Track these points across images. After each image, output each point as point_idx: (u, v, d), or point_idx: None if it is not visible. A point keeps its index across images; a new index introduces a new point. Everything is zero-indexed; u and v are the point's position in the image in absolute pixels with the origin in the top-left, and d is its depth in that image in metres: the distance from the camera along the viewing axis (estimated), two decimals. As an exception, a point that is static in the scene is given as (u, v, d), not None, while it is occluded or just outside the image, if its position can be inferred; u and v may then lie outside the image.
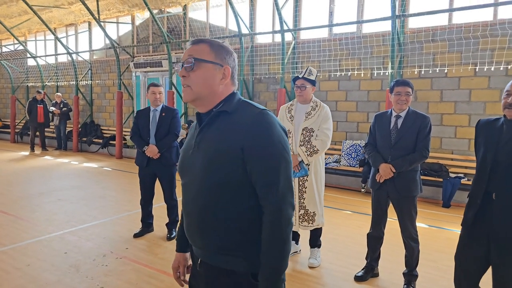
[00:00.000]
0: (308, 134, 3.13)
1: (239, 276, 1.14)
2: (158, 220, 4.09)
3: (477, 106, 5.44)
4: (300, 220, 3.20)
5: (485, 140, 2.02)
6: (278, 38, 7.20)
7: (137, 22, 9.80)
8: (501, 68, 5.08)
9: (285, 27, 6.71)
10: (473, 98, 5.45)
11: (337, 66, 6.46)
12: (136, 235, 3.85)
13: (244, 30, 7.29)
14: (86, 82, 10.77)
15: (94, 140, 10.20)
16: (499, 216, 1.93)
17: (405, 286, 2.84)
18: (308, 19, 7.04)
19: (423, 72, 5.76)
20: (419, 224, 3.28)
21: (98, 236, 3.89)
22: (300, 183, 3.17)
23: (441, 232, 4.26)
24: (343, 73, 6.42)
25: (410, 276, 2.85)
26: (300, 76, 3.18)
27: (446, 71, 5.59)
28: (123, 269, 3.12)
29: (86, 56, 10.77)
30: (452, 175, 5.47)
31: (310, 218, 3.17)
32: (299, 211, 3.20)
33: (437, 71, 5.62)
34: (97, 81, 10.61)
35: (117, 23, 9.94)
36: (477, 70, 5.36)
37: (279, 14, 6.57)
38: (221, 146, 1.12)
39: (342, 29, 6.61)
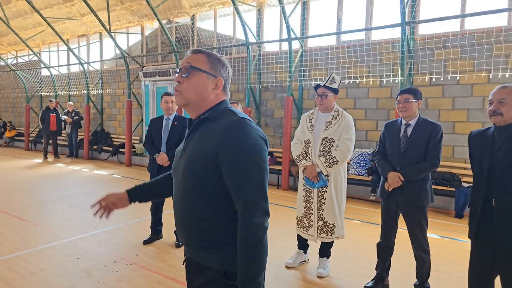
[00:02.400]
0: (328, 144, 3.04)
1: (212, 273, 1.21)
2: (167, 227, 4.12)
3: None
4: (319, 232, 3.13)
5: (480, 149, 2.12)
6: (285, 46, 7.24)
7: (147, 32, 9.99)
8: (515, 75, 5.01)
9: (293, 35, 6.74)
10: (487, 105, 5.36)
11: (345, 74, 6.45)
12: (146, 242, 3.89)
13: (252, 39, 7.35)
14: (97, 91, 10.98)
15: (104, 148, 10.34)
16: (500, 222, 1.99)
17: None
18: (316, 27, 7.07)
19: (434, 79, 5.70)
20: (431, 235, 3.22)
21: (109, 242, 3.93)
22: (319, 194, 3.10)
23: (453, 243, 4.16)
24: (351, 81, 6.41)
25: None
26: (322, 84, 3.11)
27: (458, 78, 5.52)
28: (133, 275, 3.14)
29: (97, 66, 11.00)
30: (465, 185, 5.34)
31: (329, 230, 3.10)
32: (318, 222, 3.13)
33: (449, 78, 5.56)
34: (107, 90, 10.80)
35: (127, 33, 10.15)
36: (490, 77, 5.28)
37: (287, 23, 6.62)
38: (198, 150, 1.20)
39: (350, 37, 6.60)
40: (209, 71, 1.24)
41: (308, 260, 3.47)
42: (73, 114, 10.34)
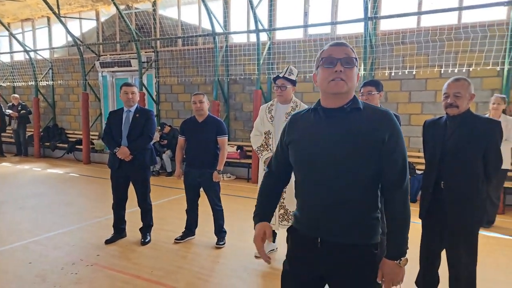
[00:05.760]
0: None
1: (363, 248, 1.36)
2: (131, 226, 3.93)
3: (441, 106, 5.70)
4: (280, 219, 3.20)
5: (433, 136, 2.26)
6: (253, 38, 7.18)
7: (102, 19, 9.36)
8: (464, 70, 5.39)
9: (260, 27, 6.70)
10: (438, 99, 5.73)
11: (312, 67, 6.54)
12: (108, 241, 3.70)
13: (218, 29, 7.19)
14: (47, 82, 10.14)
15: (58, 145, 9.64)
16: (447, 203, 2.16)
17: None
18: (283, 20, 7.07)
19: (393, 74, 5.97)
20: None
21: (66, 244, 3.69)
22: None
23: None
24: (317, 74, 6.51)
25: None
26: (281, 75, 3.15)
27: (414, 73, 5.84)
28: (95, 276, 2.99)
29: (46, 54, 10.14)
30: (419, 172, 5.71)
31: (290, 217, 3.18)
32: (279, 210, 3.20)
33: (406, 73, 5.86)
34: (59, 82, 10.01)
35: (80, 18, 9.44)
36: (442, 72, 5.64)
37: (254, 14, 6.55)
38: (366, 136, 1.31)
39: (316, 30, 6.70)
40: (357, 64, 1.37)
41: (276, 248, 3.53)
42: (19, 108, 9.44)
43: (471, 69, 5.38)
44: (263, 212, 1.53)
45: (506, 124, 4.27)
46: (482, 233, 3.84)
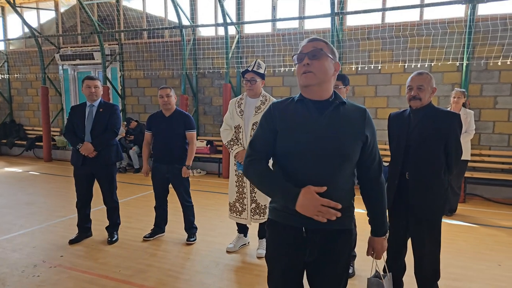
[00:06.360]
0: None
1: (348, 232, 1.47)
2: (96, 224, 3.79)
3: (406, 100, 5.95)
4: (252, 214, 3.21)
5: (398, 129, 2.34)
6: (221, 31, 7.09)
7: (62, 9, 8.84)
8: (426, 65, 5.64)
9: (228, 20, 6.62)
10: (403, 92, 5.97)
11: (281, 62, 6.57)
12: (72, 241, 3.56)
13: (185, 22, 7.03)
14: (2, 76, 9.46)
15: (16, 142, 9.08)
16: (412, 192, 2.25)
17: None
18: (252, 13, 7.02)
19: (360, 69, 6.14)
20: (357, 210, 3.50)
21: (27, 245, 3.50)
22: None
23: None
24: (287, 69, 6.56)
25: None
26: (250, 69, 3.14)
27: (379, 67, 6.04)
28: (58, 278, 2.85)
29: (0, 46, 9.44)
30: (385, 164, 5.92)
31: (262, 211, 3.19)
32: (251, 204, 3.20)
33: (372, 67, 6.04)
34: (16, 75, 9.37)
35: (37, 9, 8.87)
36: (406, 67, 5.88)
37: (222, 6, 6.46)
38: (353, 130, 1.40)
39: (285, 25, 6.73)
40: (331, 55, 1.39)
41: (248, 243, 3.54)
42: (-30, 103, 8.79)
43: (432, 64, 5.64)
44: (288, 185, 1.36)
45: (466, 117, 4.53)
46: (445, 221, 4.06)
